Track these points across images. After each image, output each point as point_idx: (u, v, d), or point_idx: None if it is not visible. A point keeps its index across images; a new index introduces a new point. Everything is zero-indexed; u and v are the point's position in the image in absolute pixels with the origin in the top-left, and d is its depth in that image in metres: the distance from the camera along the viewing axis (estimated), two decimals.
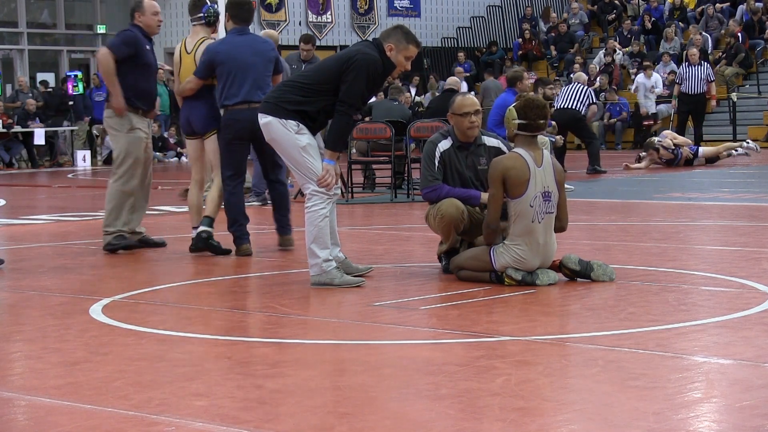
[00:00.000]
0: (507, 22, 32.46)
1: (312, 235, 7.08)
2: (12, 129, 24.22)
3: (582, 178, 16.60)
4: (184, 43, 9.16)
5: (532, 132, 6.99)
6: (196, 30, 9.18)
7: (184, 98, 9.04)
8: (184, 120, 9.10)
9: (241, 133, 8.69)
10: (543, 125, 7.02)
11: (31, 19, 27.56)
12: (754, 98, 25.68)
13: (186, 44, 9.13)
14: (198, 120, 8.99)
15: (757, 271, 7.35)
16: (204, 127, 8.99)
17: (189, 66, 9.00)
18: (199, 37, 9.10)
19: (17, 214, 13.01)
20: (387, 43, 7.13)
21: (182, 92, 9.01)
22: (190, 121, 9.02)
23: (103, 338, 5.70)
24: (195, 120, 9.00)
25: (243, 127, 8.65)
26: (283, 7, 28.34)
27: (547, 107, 7.08)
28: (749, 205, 12.11)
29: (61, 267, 8.45)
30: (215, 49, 8.86)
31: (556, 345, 5.35)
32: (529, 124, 6.97)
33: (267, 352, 5.38)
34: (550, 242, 7.02)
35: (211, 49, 8.88)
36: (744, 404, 4.16)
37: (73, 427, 4.08)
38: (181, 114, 9.13)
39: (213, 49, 8.87)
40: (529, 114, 6.97)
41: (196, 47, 9.04)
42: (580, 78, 18.37)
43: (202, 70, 8.83)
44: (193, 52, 9.03)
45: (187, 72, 9.00)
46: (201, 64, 8.85)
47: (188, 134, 9.17)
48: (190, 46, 9.09)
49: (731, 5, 28.86)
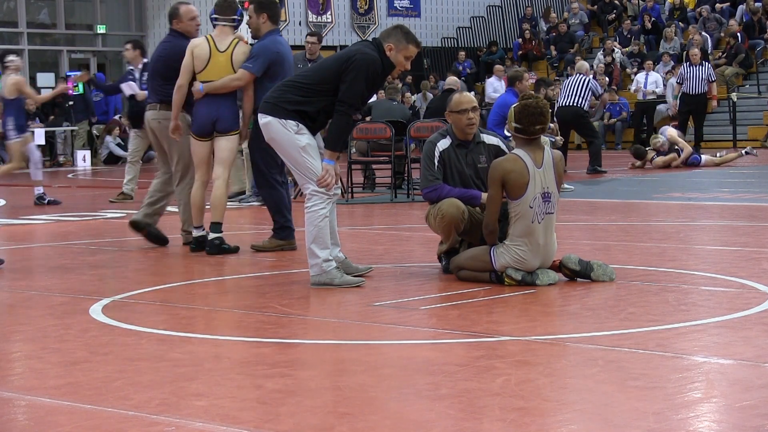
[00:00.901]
0: (507, 22, 32.46)
1: (312, 235, 7.08)
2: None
3: (583, 178, 16.60)
4: (213, 41, 8.92)
5: (528, 137, 6.99)
6: (225, 30, 8.98)
7: (204, 96, 8.85)
8: (206, 119, 8.88)
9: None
10: (539, 131, 6.99)
11: (31, 19, 27.57)
12: (754, 98, 25.67)
13: (216, 42, 8.91)
14: (228, 119, 8.90)
15: (757, 271, 7.35)
16: (231, 126, 8.94)
17: (222, 64, 8.84)
18: (232, 38, 8.94)
19: (17, 214, 13.01)
20: (387, 43, 7.13)
21: (221, 89, 8.83)
22: (218, 119, 8.88)
23: (103, 338, 5.70)
24: (225, 118, 8.89)
25: None
26: (283, 7, 28.34)
27: (546, 113, 7.00)
28: (749, 205, 12.11)
29: (61, 267, 8.45)
30: (275, 50, 8.89)
31: (556, 345, 5.35)
32: (524, 130, 6.98)
33: (267, 352, 5.37)
34: (551, 242, 7.02)
35: (272, 49, 8.87)
36: (744, 404, 4.16)
37: (73, 427, 4.08)
38: (199, 114, 8.90)
39: (273, 49, 8.87)
40: (524, 121, 6.96)
41: (233, 47, 8.88)
42: (581, 68, 17.92)
43: (260, 68, 8.79)
44: (229, 51, 8.85)
45: (218, 70, 8.84)
46: (260, 63, 8.77)
47: (205, 134, 8.96)
48: (222, 45, 8.88)
49: (731, 5, 28.86)
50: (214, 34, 9.00)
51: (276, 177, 9.01)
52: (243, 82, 8.84)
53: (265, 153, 8.65)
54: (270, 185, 9.01)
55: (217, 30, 9.01)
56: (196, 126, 8.97)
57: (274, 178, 9.00)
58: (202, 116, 8.91)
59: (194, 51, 8.91)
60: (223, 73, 8.85)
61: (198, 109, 8.93)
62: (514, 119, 7.00)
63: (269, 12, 8.98)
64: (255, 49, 8.90)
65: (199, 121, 8.93)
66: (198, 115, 8.93)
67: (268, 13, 8.97)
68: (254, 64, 8.80)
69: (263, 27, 8.97)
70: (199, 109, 8.91)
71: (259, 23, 8.97)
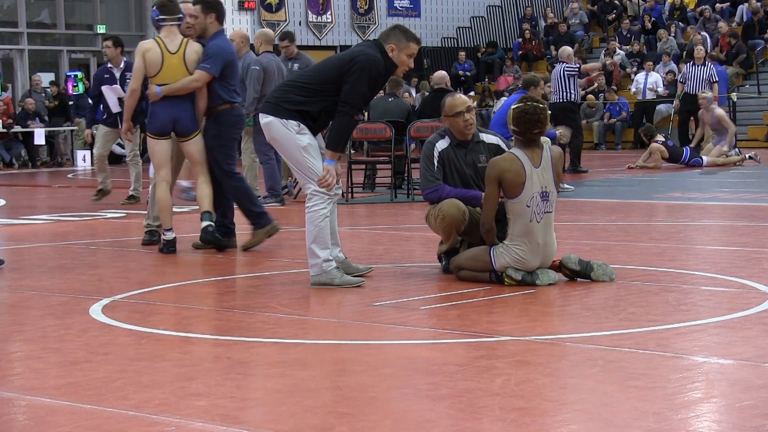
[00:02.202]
0: (507, 22, 32.46)
1: (312, 235, 7.08)
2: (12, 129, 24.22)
3: (582, 178, 16.59)
4: (163, 43, 8.95)
5: (526, 140, 6.98)
6: (173, 30, 8.98)
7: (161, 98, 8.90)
8: (166, 120, 8.91)
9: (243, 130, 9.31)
10: (537, 136, 6.98)
11: (31, 19, 27.56)
12: (754, 98, 25.67)
13: (166, 44, 8.94)
14: (188, 120, 8.97)
15: (757, 271, 7.35)
16: (192, 128, 9.02)
17: (175, 66, 8.88)
18: (182, 38, 8.99)
19: (17, 214, 13.01)
20: (388, 44, 7.13)
21: (180, 91, 8.88)
22: (178, 120, 8.93)
23: (103, 338, 5.70)
24: (185, 120, 8.95)
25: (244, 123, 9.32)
26: (283, 7, 28.34)
27: (544, 119, 6.95)
28: (749, 205, 12.12)
29: (61, 267, 8.45)
30: (230, 50, 9.07)
31: (556, 345, 5.35)
32: (521, 133, 6.98)
33: (267, 352, 5.38)
34: (550, 242, 7.02)
35: (227, 49, 9.01)
36: (744, 404, 4.17)
37: (73, 427, 4.08)
38: (159, 113, 8.92)
39: (228, 50, 9.03)
40: (521, 126, 6.96)
41: (183, 47, 8.92)
42: (562, 54, 17.69)
43: (218, 68, 8.87)
44: (181, 52, 8.89)
45: (172, 72, 8.88)
46: (218, 63, 8.86)
47: (163, 134, 9.00)
48: (173, 47, 8.92)
49: (731, 5, 28.85)
50: (163, 35, 9.01)
51: (234, 169, 9.18)
52: (201, 83, 8.92)
53: (226, 149, 9.03)
54: (233, 180, 9.14)
55: (165, 31, 9.01)
56: (154, 126, 9.00)
57: (234, 172, 9.16)
58: (161, 117, 8.95)
59: (146, 55, 8.94)
60: (177, 75, 8.91)
61: (156, 110, 8.96)
62: (512, 123, 7.00)
63: (217, 12, 9.07)
64: (210, 49, 8.95)
65: (159, 121, 8.96)
66: (157, 116, 8.97)
67: (216, 13, 9.06)
68: (212, 65, 8.89)
69: (211, 27, 9.04)
70: (158, 110, 8.95)
71: (207, 23, 9.03)
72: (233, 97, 9.09)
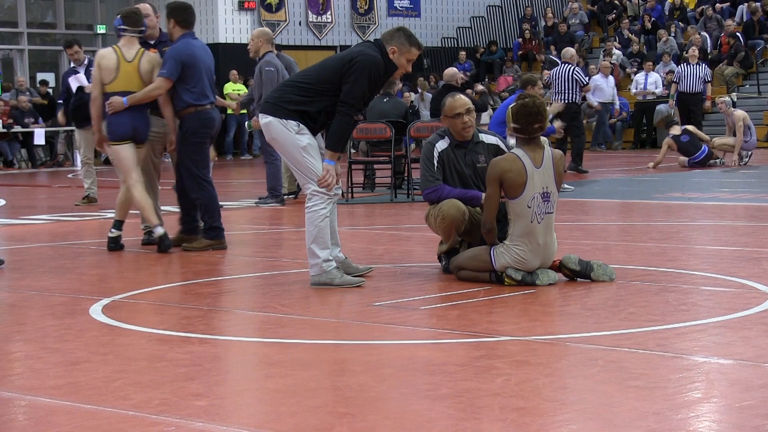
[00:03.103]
0: (507, 22, 32.46)
1: (312, 235, 7.08)
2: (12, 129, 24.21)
3: (582, 178, 16.59)
4: (120, 51, 9.11)
5: (527, 136, 6.99)
6: (132, 41, 9.16)
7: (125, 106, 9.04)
8: (126, 128, 9.04)
9: (214, 132, 9.24)
10: (538, 130, 7.00)
11: (31, 19, 27.56)
12: (754, 98, 25.67)
13: (123, 53, 9.10)
14: (143, 129, 9.13)
15: (757, 271, 7.35)
16: (147, 136, 9.19)
17: (129, 74, 9.04)
18: (138, 48, 9.15)
19: (17, 214, 13.01)
20: (390, 46, 7.13)
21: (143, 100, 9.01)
22: (137, 128, 9.07)
23: (103, 338, 5.70)
24: (142, 127, 9.12)
25: (215, 126, 9.24)
26: (283, 7, 28.34)
27: (543, 111, 7.02)
28: (749, 205, 12.12)
29: (61, 267, 8.45)
30: (187, 52, 9.10)
31: (556, 345, 5.35)
32: (522, 129, 6.98)
33: (267, 352, 5.38)
34: (550, 242, 7.02)
35: (183, 51, 9.07)
36: (744, 404, 4.16)
37: (73, 427, 4.08)
38: (119, 122, 9.04)
39: (185, 52, 9.08)
40: (521, 121, 6.97)
41: (139, 56, 9.07)
42: (566, 54, 17.73)
43: (172, 70, 8.98)
44: (136, 61, 9.05)
45: (126, 80, 9.03)
46: (171, 66, 8.98)
47: (126, 139, 9.10)
48: (129, 55, 9.09)
49: (731, 5, 28.85)
50: (121, 44, 9.19)
51: (207, 177, 9.21)
52: (163, 90, 9.05)
53: (194, 153, 9.10)
54: (200, 185, 9.17)
55: (124, 40, 9.19)
56: (114, 134, 9.10)
57: (204, 179, 9.18)
58: (120, 125, 9.06)
59: (101, 62, 9.12)
60: (131, 83, 9.05)
61: (115, 118, 9.06)
62: (512, 120, 7.01)
63: (176, 18, 9.20)
64: (165, 54, 9.13)
65: (120, 129, 9.07)
66: (116, 124, 9.07)
67: (176, 18, 9.20)
68: (167, 69, 9.01)
69: (174, 32, 9.22)
70: (117, 118, 9.06)
71: (170, 28, 9.24)
72: (197, 99, 9.11)
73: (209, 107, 9.20)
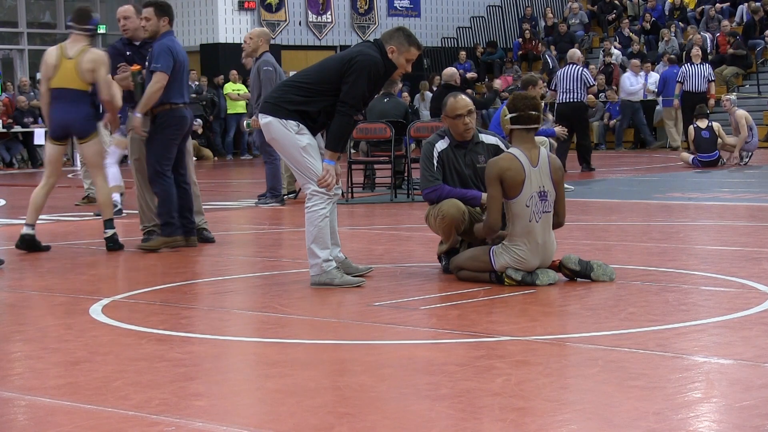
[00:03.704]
0: (507, 22, 32.46)
1: (312, 235, 7.08)
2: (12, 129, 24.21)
3: (584, 178, 16.60)
4: (63, 48, 9.17)
5: (525, 125, 6.97)
6: (78, 38, 9.20)
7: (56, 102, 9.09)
8: (55, 125, 9.12)
9: (187, 130, 9.33)
10: (536, 117, 6.99)
11: (31, 19, 27.56)
12: (754, 98, 25.66)
13: (66, 49, 9.15)
14: (80, 123, 9.15)
15: (757, 271, 7.35)
16: (87, 130, 9.22)
17: (69, 71, 9.08)
18: (83, 45, 9.16)
19: (17, 214, 13.00)
20: (389, 46, 7.13)
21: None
22: (69, 125, 9.12)
23: (103, 338, 5.70)
24: (76, 124, 9.13)
25: (188, 125, 9.31)
26: (283, 7, 28.34)
27: (537, 102, 7.05)
28: (749, 205, 12.12)
29: (61, 267, 8.45)
30: (175, 48, 9.18)
31: (556, 345, 5.35)
32: (520, 116, 6.97)
33: (267, 352, 5.38)
34: (549, 242, 7.02)
35: (172, 47, 9.14)
36: (744, 404, 4.16)
37: (73, 427, 4.08)
38: (51, 118, 9.14)
39: (174, 48, 9.15)
40: (519, 105, 6.97)
41: (80, 54, 9.09)
42: (573, 56, 17.87)
43: (167, 64, 9.05)
44: (77, 59, 9.07)
45: (65, 76, 9.07)
46: (165, 59, 9.03)
47: (59, 138, 9.22)
48: (71, 52, 9.12)
49: (731, 5, 28.84)
50: (68, 41, 9.25)
51: (168, 173, 9.23)
52: (162, 84, 9.08)
53: (161, 149, 9.13)
54: (160, 180, 9.21)
55: (71, 38, 9.25)
56: (50, 130, 9.24)
57: (165, 174, 9.22)
58: (54, 121, 9.15)
59: (45, 59, 9.23)
60: (70, 78, 9.10)
61: (51, 114, 9.17)
62: (509, 110, 7.00)
63: (170, 16, 9.30)
64: (155, 49, 9.17)
65: (53, 125, 9.18)
66: (51, 120, 9.17)
67: (170, 17, 9.29)
68: (162, 63, 9.06)
69: (163, 29, 9.25)
70: (53, 114, 9.16)
71: (160, 26, 9.24)
72: (171, 97, 9.17)
73: (182, 106, 9.26)
